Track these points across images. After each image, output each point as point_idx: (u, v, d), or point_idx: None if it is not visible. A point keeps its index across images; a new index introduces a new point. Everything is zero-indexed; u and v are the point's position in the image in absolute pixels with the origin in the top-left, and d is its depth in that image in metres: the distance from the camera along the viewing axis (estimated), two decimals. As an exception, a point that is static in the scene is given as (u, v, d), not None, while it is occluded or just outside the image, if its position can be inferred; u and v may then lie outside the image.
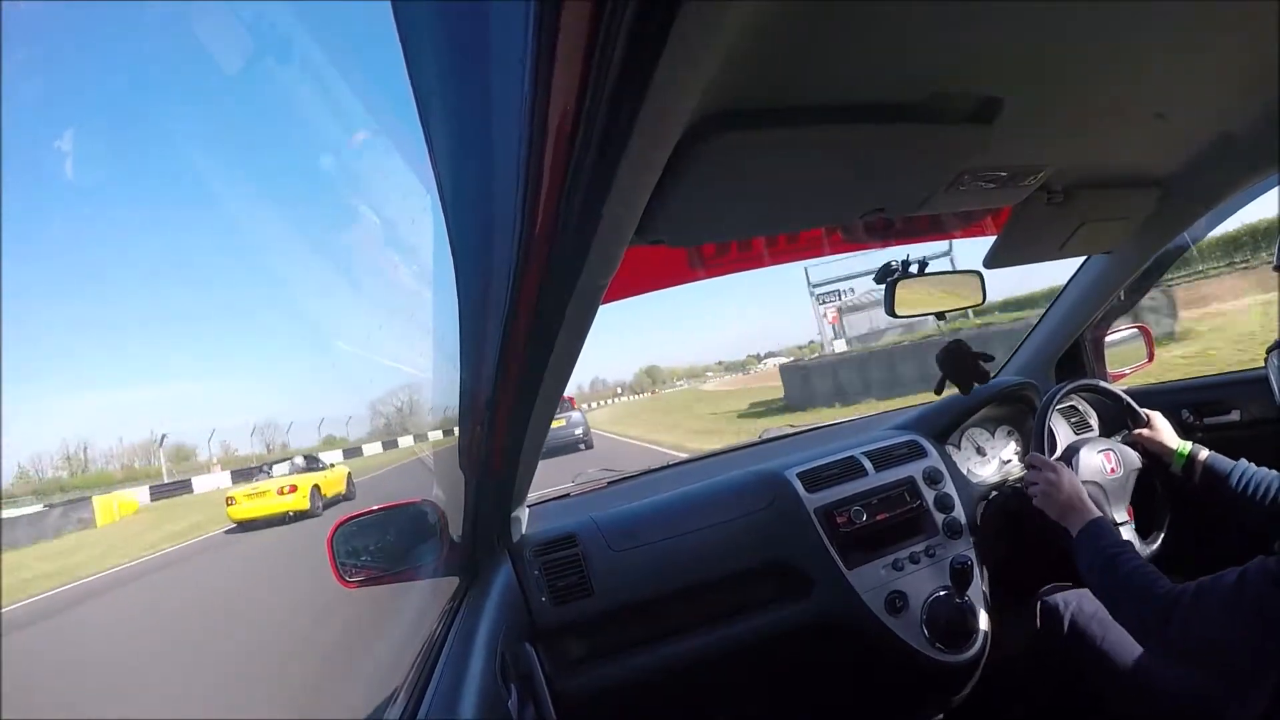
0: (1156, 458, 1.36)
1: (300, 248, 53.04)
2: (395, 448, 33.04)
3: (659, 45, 0.35)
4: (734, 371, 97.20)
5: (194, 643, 5.03)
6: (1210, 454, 1.27)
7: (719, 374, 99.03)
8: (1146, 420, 1.39)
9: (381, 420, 41.91)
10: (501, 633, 0.93)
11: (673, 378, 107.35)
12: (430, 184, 0.53)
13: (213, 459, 35.99)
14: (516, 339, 0.67)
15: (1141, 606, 0.95)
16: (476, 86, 0.43)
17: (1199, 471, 1.26)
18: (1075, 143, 0.93)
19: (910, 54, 0.61)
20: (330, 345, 45.68)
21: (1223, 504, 1.22)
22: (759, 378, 47.24)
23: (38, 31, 22.48)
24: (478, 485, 1.04)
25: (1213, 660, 0.91)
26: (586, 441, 13.23)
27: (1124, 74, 0.75)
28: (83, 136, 39.24)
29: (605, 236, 0.53)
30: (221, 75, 19.63)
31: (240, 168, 47.17)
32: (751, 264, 1.24)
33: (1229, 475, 1.22)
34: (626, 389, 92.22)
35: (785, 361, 24.37)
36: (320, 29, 7.63)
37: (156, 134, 51.80)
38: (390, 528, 1.17)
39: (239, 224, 50.33)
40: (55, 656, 5.49)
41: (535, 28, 0.34)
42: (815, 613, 1.30)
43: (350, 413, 44.42)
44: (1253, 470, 1.21)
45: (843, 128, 0.67)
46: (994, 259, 1.25)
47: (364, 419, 42.28)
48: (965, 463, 1.55)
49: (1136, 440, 1.39)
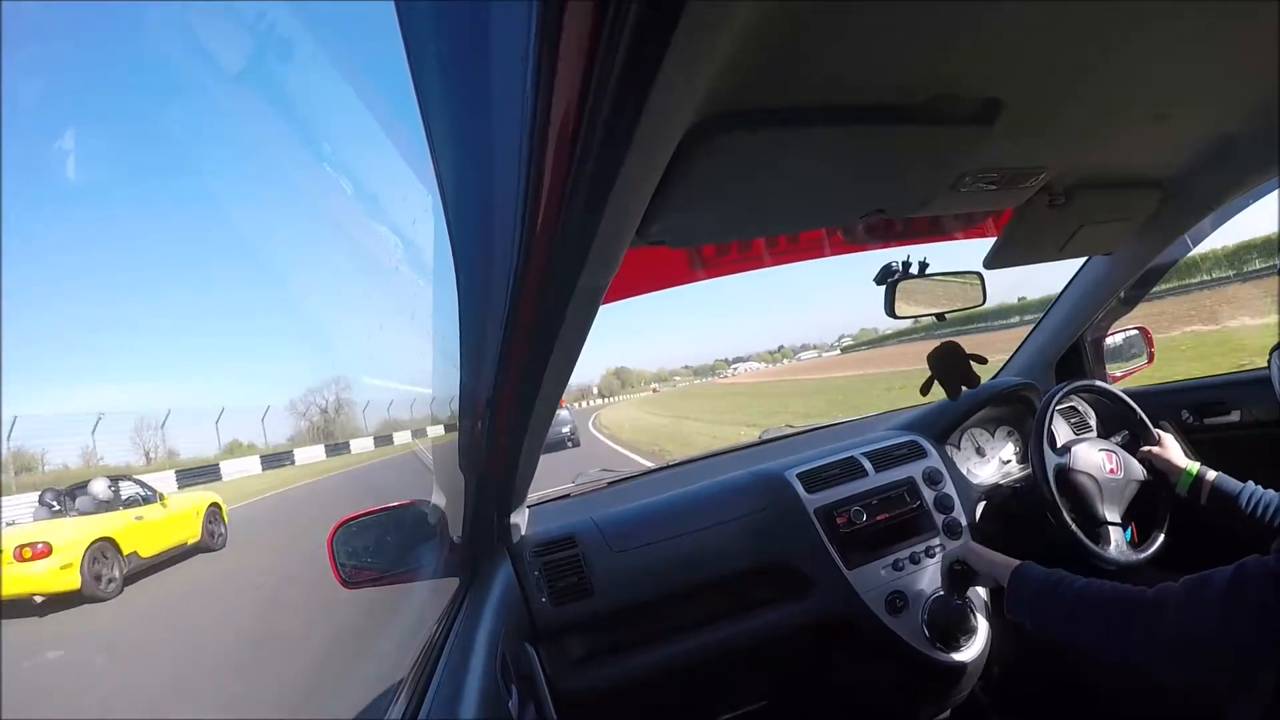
0: (1163, 475, 1.34)
1: (299, 246, 52.89)
2: (346, 451, 26.80)
3: (662, 46, 0.35)
4: (703, 376, 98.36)
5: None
6: (1218, 475, 1.24)
7: (687, 377, 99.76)
8: (1158, 439, 1.38)
9: (311, 420, 36.57)
10: (502, 633, 0.93)
11: (641, 381, 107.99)
12: (431, 183, 0.53)
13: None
14: (517, 339, 0.67)
15: (1118, 619, 0.89)
16: (478, 86, 0.43)
17: (1206, 492, 1.24)
18: (1076, 144, 0.93)
19: (911, 55, 0.61)
20: (328, 342, 45.12)
21: (1231, 526, 1.20)
22: (790, 370, 49.14)
23: (37, 31, 22.49)
24: (478, 486, 1.04)
25: (1206, 660, 0.90)
26: (574, 440, 13.37)
27: (1125, 75, 0.75)
28: (82, 136, 39.33)
29: (606, 237, 0.53)
30: (221, 73, 19.56)
31: (239, 166, 47.20)
32: (752, 264, 1.24)
33: (1237, 497, 1.19)
34: (591, 393, 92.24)
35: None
36: (321, 27, 7.61)
37: (155, 133, 51.85)
38: (390, 529, 1.17)
39: (236, 221, 50.25)
40: None
41: (538, 27, 0.33)
42: (815, 613, 1.31)
43: (269, 403, 36.78)
44: (1260, 492, 1.19)
45: (844, 129, 0.67)
46: (994, 260, 1.25)
47: (291, 416, 36.32)
48: (965, 463, 1.55)
49: (1145, 457, 1.38)
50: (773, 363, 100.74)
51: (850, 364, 38.92)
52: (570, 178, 0.44)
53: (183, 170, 50.65)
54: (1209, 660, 0.89)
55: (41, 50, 21.49)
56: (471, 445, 0.96)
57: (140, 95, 52.63)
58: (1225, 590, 0.81)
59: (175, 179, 60.14)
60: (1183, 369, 6.20)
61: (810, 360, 75.78)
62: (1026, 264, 1.31)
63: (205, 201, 39.30)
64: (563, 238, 0.51)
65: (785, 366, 79.45)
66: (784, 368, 75.12)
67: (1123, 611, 0.89)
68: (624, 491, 1.57)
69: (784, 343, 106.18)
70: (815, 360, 73.25)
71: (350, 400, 35.93)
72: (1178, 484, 1.29)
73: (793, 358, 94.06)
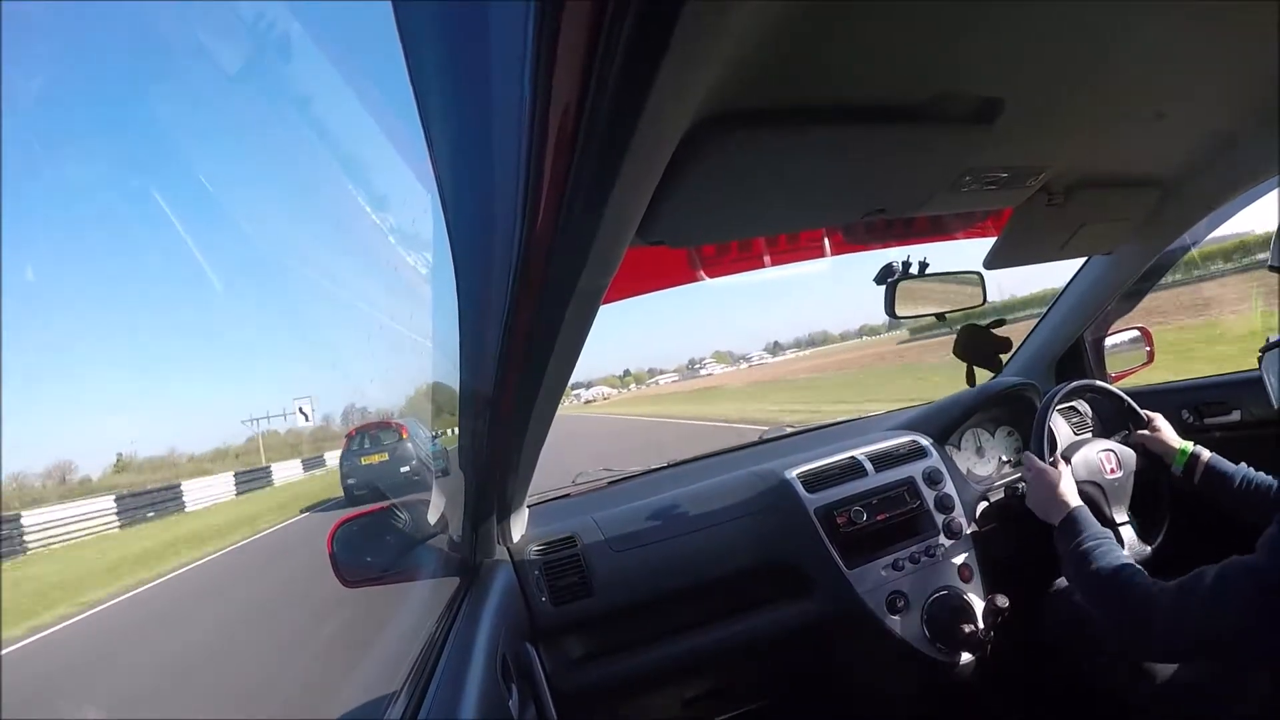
0: (1158, 459, 1.35)
1: (297, 247, 52.72)
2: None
3: (662, 46, 0.35)
4: (640, 384, 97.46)
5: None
6: (1212, 455, 1.26)
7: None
8: (1148, 421, 1.38)
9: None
10: (502, 633, 0.93)
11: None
12: (430, 184, 0.53)
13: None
14: (516, 339, 0.67)
15: (1118, 605, 0.94)
16: (477, 86, 0.43)
17: (1200, 472, 1.26)
18: (1076, 143, 0.93)
19: (912, 55, 0.60)
20: (327, 342, 44.91)
21: (1223, 505, 1.22)
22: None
23: (37, 30, 22.38)
24: (478, 485, 1.04)
25: (1196, 654, 0.93)
26: (421, 480, 9.74)
27: (1125, 74, 0.75)
28: (80, 134, 39.25)
29: (606, 237, 0.53)
30: (219, 73, 19.35)
31: (236, 166, 47.13)
32: (752, 264, 1.24)
33: (1231, 477, 1.21)
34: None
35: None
36: (319, 27, 7.66)
37: (152, 132, 51.80)
38: (390, 528, 1.17)
39: (234, 221, 50.20)
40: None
41: (536, 27, 0.33)
42: (816, 613, 1.31)
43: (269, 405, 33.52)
44: (1254, 473, 1.20)
45: (844, 128, 0.67)
46: (995, 259, 1.25)
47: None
48: (965, 463, 1.55)
49: (1138, 441, 1.39)
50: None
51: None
52: (570, 179, 0.44)
53: (179, 170, 50.63)
54: (1199, 654, 0.93)
55: (41, 50, 21.46)
56: (472, 445, 0.96)
57: (140, 93, 52.58)
58: (1211, 589, 0.84)
59: (172, 178, 60.17)
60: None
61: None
62: (1027, 264, 1.31)
63: (203, 201, 39.25)
64: (562, 239, 0.51)
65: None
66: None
67: (1122, 602, 0.93)
68: (624, 491, 1.57)
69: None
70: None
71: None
72: (1173, 463, 1.30)
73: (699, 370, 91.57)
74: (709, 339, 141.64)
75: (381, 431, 11.32)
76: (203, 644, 4.71)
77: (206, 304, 62.58)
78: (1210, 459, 1.26)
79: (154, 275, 63.65)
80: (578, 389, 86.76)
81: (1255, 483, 1.19)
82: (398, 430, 11.07)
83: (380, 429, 11.42)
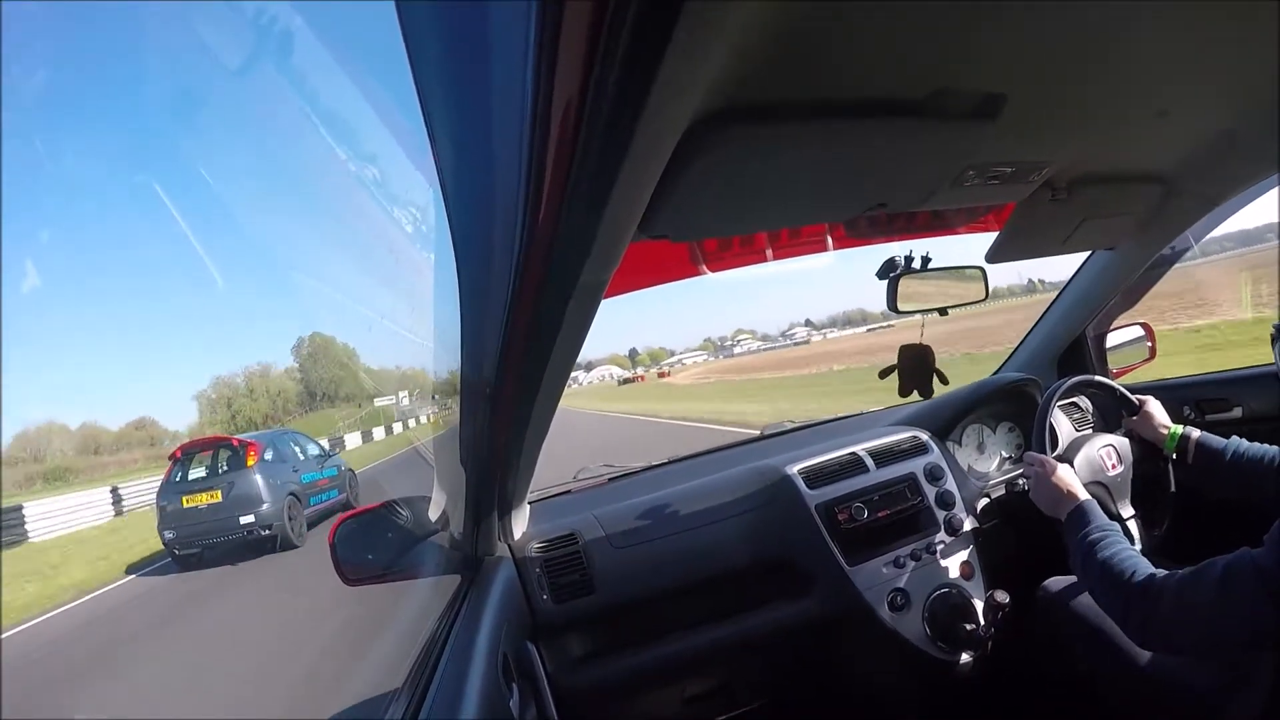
0: (1152, 445, 1.34)
1: (299, 242, 52.80)
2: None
3: (664, 41, 0.35)
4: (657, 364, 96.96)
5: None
6: (1202, 434, 1.26)
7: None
8: (1139, 405, 1.36)
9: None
10: (503, 631, 0.93)
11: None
12: (433, 178, 0.53)
13: None
14: (518, 334, 0.67)
15: (1121, 598, 0.94)
16: (479, 81, 0.43)
17: (1192, 451, 1.25)
18: (1078, 139, 0.92)
19: (914, 50, 0.60)
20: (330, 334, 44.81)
21: (1219, 483, 1.22)
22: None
23: (37, 30, 22.31)
24: (478, 482, 1.04)
25: (1198, 649, 0.94)
26: (279, 538, 6.51)
27: (1127, 71, 0.75)
28: (80, 134, 39.27)
29: (608, 231, 0.53)
30: (221, 70, 19.32)
31: (239, 161, 47.17)
32: (754, 259, 1.23)
33: (1222, 451, 1.21)
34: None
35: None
36: (322, 23, 7.61)
37: (153, 131, 51.76)
38: (392, 525, 1.16)
39: (236, 217, 50.19)
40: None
41: (538, 23, 0.33)
42: (816, 610, 1.30)
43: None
44: (1245, 445, 1.20)
45: (846, 123, 0.66)
46: (996, 254, 1.25)
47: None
48: (967, 459, 1.55)
49: (1130, 429, 1.38)
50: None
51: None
52: (571, 173, 0.44)
53: (182, 164, 50.60)
54: (1200, 649, 0.93)
55: (42, 49, 21.43)
56: (472, 441, 0.96)
57: (140, 92, 52.54)
58: (1217, 584, 0.84)
59: (174, 173, 60.07)
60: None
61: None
62: (1029, 258, 1.31)
63: (206, 196, 39.20)
64: (564, 233, 0.51)
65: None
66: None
67: (1125, 595, 0.94)
68: (625, 487, 1.56)
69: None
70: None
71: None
72: (1164, 445, 1.30)
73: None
74: (697, 328, 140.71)
75: (219, 452, 7.17)
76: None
77: (205, 298, 62.53)
78: (1200, 437, 1.25)
79: (153, 272, 63.59)
80: (577, 370, 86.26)
81: (1248, 452, 1.18)
82: (242, 451, 7.03)
83: (218, 446, 7.28)
